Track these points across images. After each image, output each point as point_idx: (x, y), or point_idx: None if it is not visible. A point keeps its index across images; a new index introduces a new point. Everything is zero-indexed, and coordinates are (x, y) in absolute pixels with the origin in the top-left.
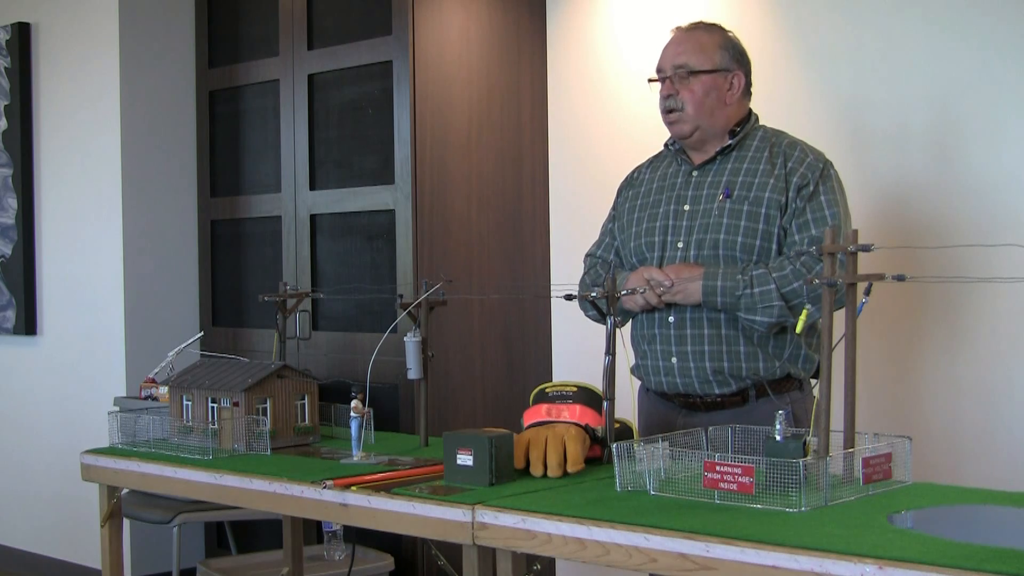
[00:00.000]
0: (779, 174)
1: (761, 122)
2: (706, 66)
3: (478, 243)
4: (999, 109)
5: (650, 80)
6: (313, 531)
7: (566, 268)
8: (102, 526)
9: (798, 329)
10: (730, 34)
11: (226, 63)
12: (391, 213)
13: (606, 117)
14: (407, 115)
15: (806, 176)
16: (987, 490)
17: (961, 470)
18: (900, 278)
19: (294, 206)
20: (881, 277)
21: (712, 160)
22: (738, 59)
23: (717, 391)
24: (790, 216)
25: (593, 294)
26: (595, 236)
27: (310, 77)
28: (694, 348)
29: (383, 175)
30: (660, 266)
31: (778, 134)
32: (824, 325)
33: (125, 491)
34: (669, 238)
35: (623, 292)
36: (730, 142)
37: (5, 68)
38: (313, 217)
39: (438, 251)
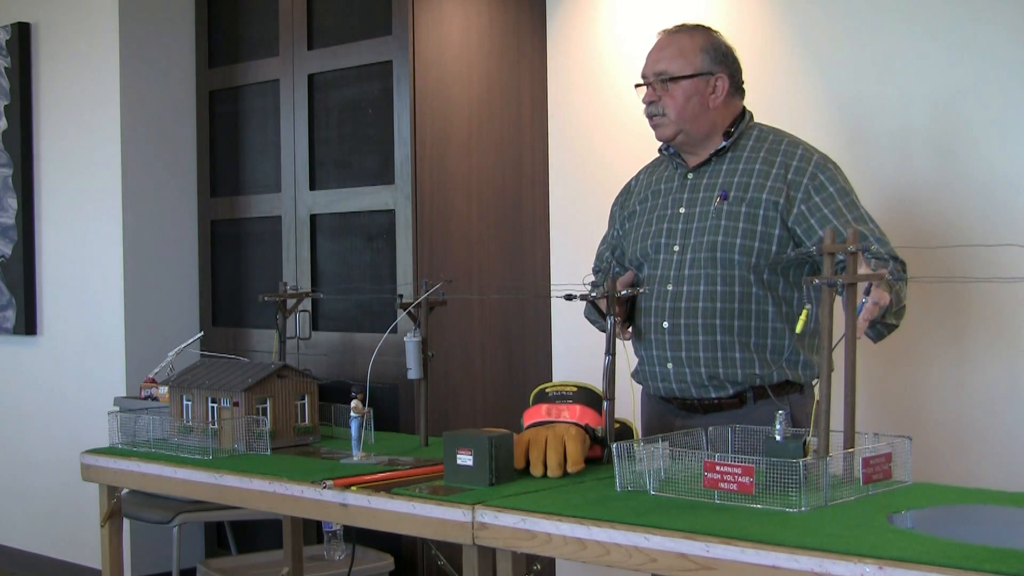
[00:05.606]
0: (777, 174)
1: (757, 120)
2: (686, 71)
3: (478, 243)
4: (1000, 110)
5: (636, 86)
6: (313, 531)
7: (566, 268)
8: (102, 526)
9: (798, 328)
10: (715, 34)
11: (226, 63)
12: (391, 213)
13: (607, 117)
14: (407, 115)
15: (815, 175)
16: (987, 490)
17: (961, 470)
18: (899, 278)
19: (294, 206)
20: (881, 277)
21: (707, 162)
22: (721, 60)
23: (714, 395)
24: (799, 217)
25: (593, 295)
26: (594, 236)
27: (310, 77)
28: (689, 354)
29: (383, 175)
30: (660, 271)
31: (775, 132)
32: (824, 325)
33: (125, 491)
34: (664, 241)
35: (623, 292)
36: (724, 144)
37: (5, 68)
38: (313, 217)
39: (438, 251)
